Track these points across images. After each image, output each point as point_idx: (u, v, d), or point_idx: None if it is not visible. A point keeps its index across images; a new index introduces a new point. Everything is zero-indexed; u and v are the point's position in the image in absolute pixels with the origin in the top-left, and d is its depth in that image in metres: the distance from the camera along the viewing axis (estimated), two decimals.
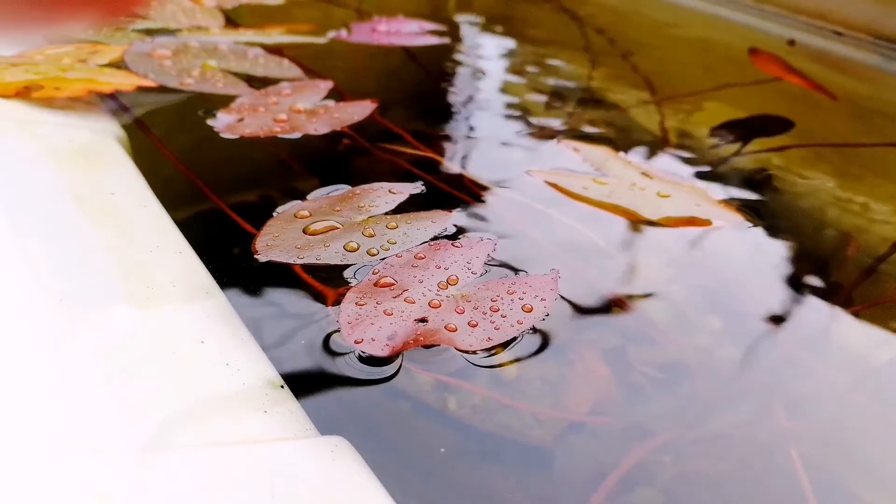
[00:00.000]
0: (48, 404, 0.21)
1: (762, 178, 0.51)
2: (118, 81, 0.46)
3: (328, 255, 0.35)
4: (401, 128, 0.50)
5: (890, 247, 0.44)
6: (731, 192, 0.47)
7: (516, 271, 0.35)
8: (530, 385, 0.29)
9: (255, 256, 0.34)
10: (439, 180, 0.44)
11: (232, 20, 0.68)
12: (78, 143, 0.37)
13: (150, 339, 0.25)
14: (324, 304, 0.32)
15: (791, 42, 0.78)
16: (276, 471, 0.21)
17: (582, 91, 0.65)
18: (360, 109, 0.50)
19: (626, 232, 0.41)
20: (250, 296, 0.33)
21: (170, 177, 0.41)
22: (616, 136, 0.55)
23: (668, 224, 0.42)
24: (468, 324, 0.31)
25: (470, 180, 0.44)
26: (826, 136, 0.62)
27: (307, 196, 0.40)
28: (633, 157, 0.51)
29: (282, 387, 0.25)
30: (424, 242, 0.36)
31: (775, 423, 0.30)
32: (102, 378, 0.23)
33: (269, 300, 0.33)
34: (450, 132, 0.53)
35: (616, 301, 0.35)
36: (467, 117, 0.56)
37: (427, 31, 0.73)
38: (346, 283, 0.33)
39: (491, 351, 0.30)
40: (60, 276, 0.27)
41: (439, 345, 0.30)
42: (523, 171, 0.46)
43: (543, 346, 0.31)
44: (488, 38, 0.80)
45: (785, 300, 0.38)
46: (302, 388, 0.27)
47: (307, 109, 0.49)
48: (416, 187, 0.42)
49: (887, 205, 0.49)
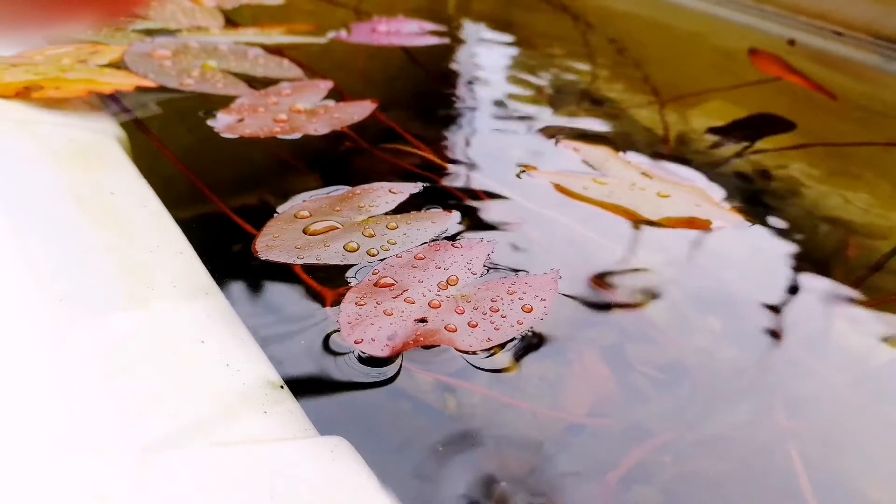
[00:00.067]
0: (48, 404, 0.21)
1: (762, 178, 0.51)
2: (118, 82, 0.46)
3: (328, 255, 0.35)
4: (401, 128, 0.50)
5: (890, 248, 0.44)
6: (731, 192, 0.47)
7: (516, 271, 0.35)
8: (530, 385, 0.29)
9: (256, 256, 0.34)
10: (439, 180, 0.44)
11: (232, 20, 0.68)
12: (78, 143, 0.37)
13: (150, 339, 0.25)
14: (324, 305, 0.32)
15: (791, 42, 0.78)
16: (276, 471, 0.21)
17: (582, 91, 0.65)
18: (360, 109, 0.50)
19: (627, 232, 0.41)
20: (250, 296, 0.33)
21: (170, 177, 0.41)
22: (616, 136, 0.55)
23: (668, 224, 0.42)
24: (468, 324, 0.31)
25: (469, 181, 0.44)
26: (826, 136, 0.62)
27: (307, 196, 0.40)
28: (633, 157, 0.51)
29: (282, 387, 0.25)
30: (424, 243, 0.36)
31: (775, 423, 0.30)
32: (102, 378, 0.23)
33: (269, 300, 0.33)
34: (449, 132, 0.53)
35: (616, 301, 0.35)
36: (467, 117, 0.56)
37: (427, 32, 0.73)
38: (346, 284, 0.33)
39: (491, 351, 0.30)
40: (60, 276, 0.27)
41: (439, 345, 0.30)
42: (523, 171, 0.46)
43: (543, 346, 0.31)
44: (488, 37, 0.80)
45: (785, 300, 0.38)
46: (302, 388, 0.27)
47: (307, 109, 0.49)
48: (416, 187, 0.42)
49: (887, 204, 0.49)
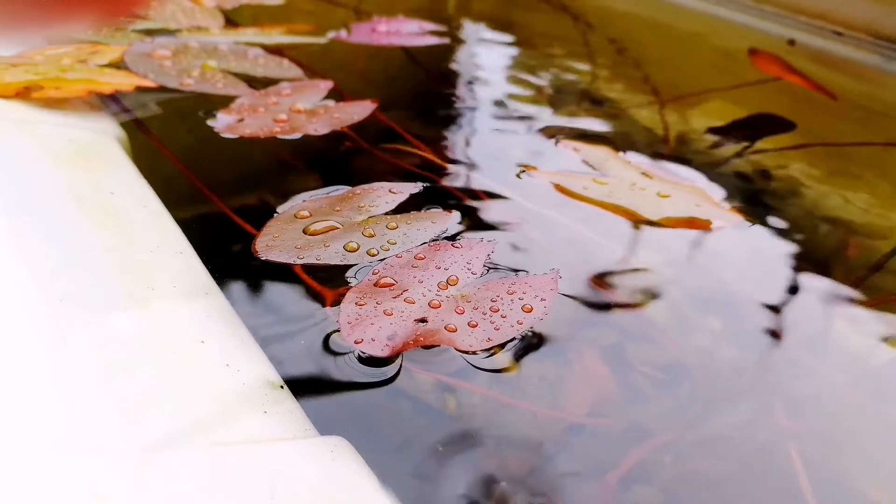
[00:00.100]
0: (48, 404, 0.21)
1: (762, 178, 0.51)
2: (118, 82, 0.46)
3: (328, 255, 0.35)
4: (401, 128, 0.50)
5: (890, 248, 0.44)
6: (731, 192, 0.47)
7: (516, 271, 0.35)
8: (530, 385, 0.29)
9: (256, 257, 0.34)
10: (439, 180, 0.44)
11: (232, 20, 0.68)
12: (78, 143, 0.37)
13: (150, 339, 0.25)
14: (324, 305, 0.32)
15: (791, 42, 0.78)
16: (276, 471, 0.21)
17: (582, 91, 0.65)
18: (360, 109, 0.50)
19: (627, 232, 0.41)
20: (250, 296, 0.33)
21: (170, 177, 0.41)
22: (616, 136, 0.55)
23: (668, 224, 0.42)
24: (468, 324, 0.31)
25: (469, 181, 0.44)
26: (826, 136, 0.62)
27: (307, 196, 0.40)
28: (633, 157, 0.51)
29: (282, 387, 0.25)
30: (424, 243, 0.36)
31: (775, 423, 0.30)
32: (102, 378, 0.23)
33: (269, 300, 0.33)
34: (449, 132, 0.53)
35: (616, 301, 0.35)
36: (467, 117, 0.56)
37: (427, 32, 0.73)
38: (346, 284, 0.33)
39: (491, 351, 0.30)
40: (60, 276, 0.27)
41: (439, 345, 0.30)
42: (523, 171, 0.46)
43: (543, 346, 0.31)
44: (488, 37, 0.80)
45: (785, 300, 0.38)
46: (302, 388, 0.27)
47: (307, 109, 0.49)
48: (416, 187, 0.42)
49: (887, 205, 0.49)
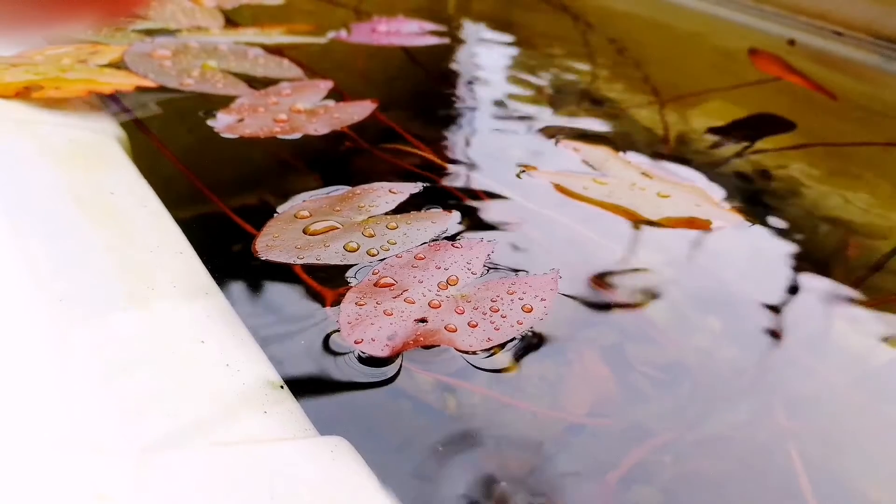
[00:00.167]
0: (48, 404, 0.21)
1: (762, 178, 0.51)
2: (118, 82, 0.46)
3: (328, 255, 0.35)
4: (401, 128, 0.50)
5: (891, 248, 0.44)
6: (731, 192, 0.47)
7: (516, 271, 0.35)
8: (530, 385, 0.29)
9: (256, 257, 0.34)
10: (439, 180, 0.44)
11: (232, 20, 0.68)
12: (78, 143, 0.37)
13: (150, 339, 0.25)
14: (324, 305, 0.32)
15: (791, 42, 0.78)
16: (276, 471, 0.21)
17: (582, 91, 0.65)
18: (360, 109, 0.50)
19: (627, 232, 0.41)
20: (250, 296, 0.33)
21: (170, 177, 0.41)
22: (616, 136, 0.55)
23: (668, 224, 0.42)
24: (468, 324, 0.31)
25: (469, 181, 0.44)
26: (826, 136, 0.62)
27: (307, 196, 0.40)
28: (633, 157, 0.51)
29: (282, 387, 0.25)
30: (424, 243, 0.36)
31: (775, 423, 0.30)
32: (102, 378, 0.23)
33: (269, 300, 0.33)
34: (449, 132, 0.53)
35: (616, 301, 0.35)
36: (467, 117, 0.56)
37: (427, 32, 0.73)
38: (346, 284, 0.33)
39: (491, 351, 0.30)
40: (60, 276, 0.27)
41: (439, 345, 0.30)
42: (523, 171, 0.46)
43: (543, 346, 0.31)
44: (488, 37, 0.80)
45: (785, 300, 0.38)
46: (302, 388, 0.27)
47: (307, 109, 0.49)
48: (416, 187, 0.42)
49: (887, 204, 0.49)
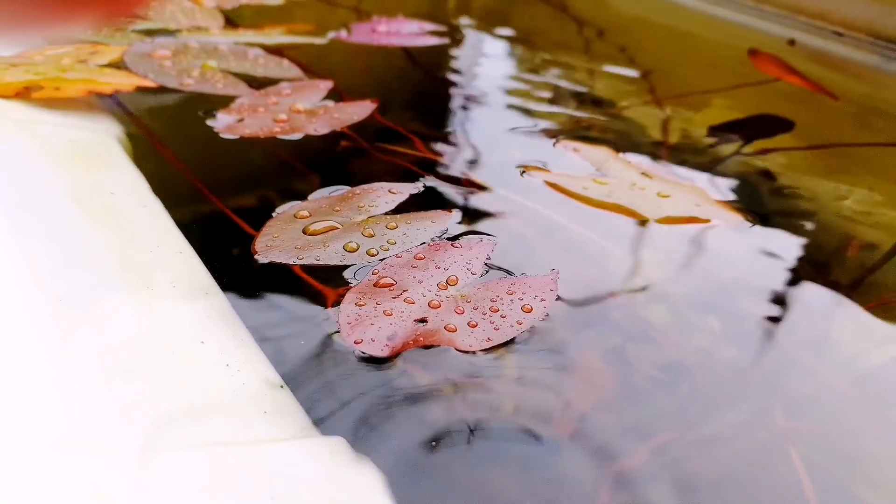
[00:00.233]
0: (48, 404, 0.21)
1: (762, 178, 0.51)
2: (118, 82, 0.46)
3: (328, 255, 0.35)
4: (401, 128, 0.50)
5: (890, 247, 0.44)
6: (730, 192, 0.47)
7: (516, 272, 0.35)
8: (530, 384, 0.29)
9: (255, 257, 0.34)
10: (439, 180, 0.44)
11: (232, 20, 0.68)
12: (78, 143, 0.37)
13: (150, 339, 0.25)
14: (323, 305, 0.32)
15: (791, 42, 0.78)
16: (275, 471, 0.21)
17: (582, 91, 0.65)
18: (360, 109, 0.50)
19: (626, 232, 0.41)
20: (250, 296, 0.33)
21: (170, 177, 0.41)
22: (616, 137, 0.55)
23: (668, 224, 0.42)
24: (468, 324, 0.31)
25: (469, 180, 0.45)
26: (826, 136, 0.62)
27: (307, 196, 0.40)
28: (633, 157, 0.51)
29: (282, 387, 0.25)
30: (424, 243, 0.36)
31: (775, 424, 0.30)
32: (102, 378, 0.23)
33: (268, 300, 0.33)
34: (449, 132, 0.53)
35: (616, 301, 0.35)
36: (467, 118, 0.56)
37: (427, 32, 0.73)
38: (345, 284, 0.33)
39: (490, 351, 0.30)
40: (60, 276, 0.27)
41: (439, 345, 0.30)
42: (523, 172, 0.46)
43: (543, 347, 0.31)
44: (488, 38, 0.80)
45: (784, 300, 0.38)
46: (302, 388, 0.27)
47: (307, 110, 0.49)
48: (415, 187, 0.42)
49: (887, 204, 0.49)
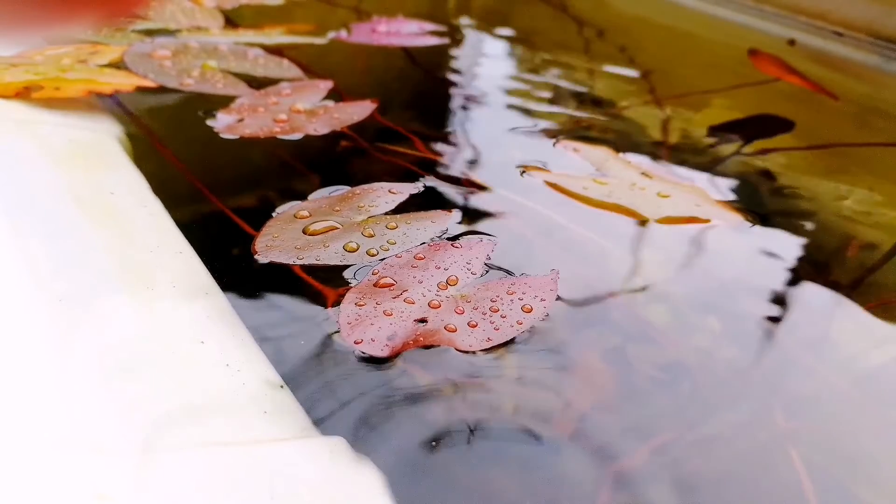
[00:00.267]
0: (48, 404, 0.21)
1: (762, 178, 0.51)
2: (118, 82, 0.46)
3: (328, 255, 0.35)
4: (401, 128, 0.50)
5: (890, 247, 0.44)
6: (730, 192, 0.47)
7: (516, 272, 0.35)
8: (530, 384, 0.29)
9: (255, 257, 0.34)
10: (439, 181, 0.44)
11: (232, 21, 0.68)
12: (78, 143, 0.38)
13: (150, 339, 0.25)
14: (323, 305, 0.32)
15: (791, 42, 0.78)
16: (275, 471, 0.21)
17: (581, 91, 0.65)
18: (360, 110, 0.50)
19: (626, 232, 0.41)
20: (250, 296, 0.33)
21: (170, 177, 0.41)
22: (616, 137, 0.55)
23: (668, 224, 0.42)
24: (468, 324, 0.31)
25: (469, 181, 0.45)
26: (826, 136, 0.62)
27: (307, 196, 0.40)
28: (633, 157, 0.51)
29: (282, 387, 0.25)
30: (424, 243, 0.36)
31: (775, 424, 0.30)
32: (102, 378, 0.23)
33: (268, 300, 0.33)
34: (449, 132, 0.53)
35: (616, 301, 0.35)
36: (467, 118, 0.56)
37: (427, 32, 0.73)
38: (345, 284, 0.33)
39: (490, 351, 0.30)
40: (60, 276, 0.27)
41: (439, 345, 0.30)
42: (523, 172, 0.46)
43: (543, 346, 0.31)
44: (488, 37, 0.80)
45: (784, 300, 0.38)
46: (302, 388, 0.27)
47: (307, 110, 0.49)
48: (415, 187, 0.42)
49: (887, 204, 0.49)
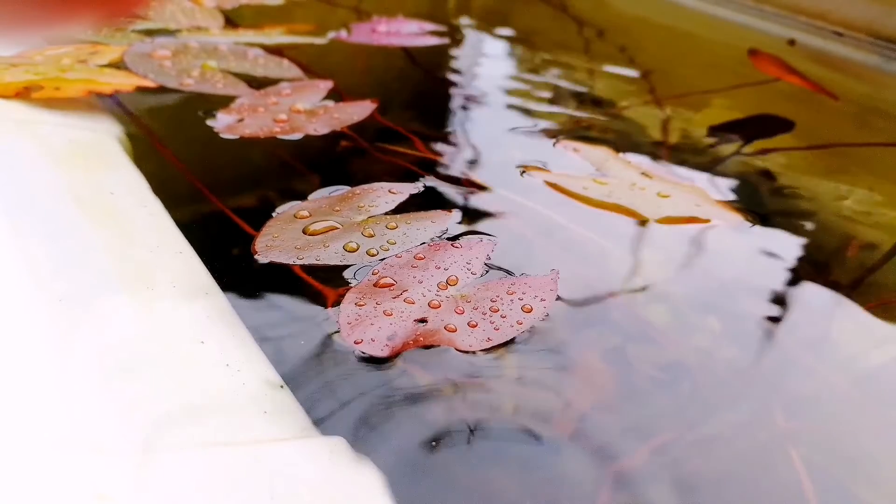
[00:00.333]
0: (48, 404, 0.21)
1: (762, 178, 0.51)
2: (118, 82, 0.46)
3: (328, 255, 0.35)
4: (401, 128, 0.50)
5: (890, 247, 0.44)
6: (730, 192, 0.47)
7: (516, 272, 0.35)
8: (530, 384, 0.29)
9: (255, 257, 0.34)
10: (439, 181, 0.44)
11: (232, 20, 0.68)
12: (78, 143, 0.38)
13: (150, 339, 0.25)
14: (323, 305, 0.32)
15: (791, 42, 0.78)
16: (275, 471, 0.21)
17: (582, 91, 0.65)
18: (360, 110, 0.50)
19: (626, 232, 0.41)
20: (250, 296, 0.33)
21: (170, 177, 0.41)
22: (616, 137, 0.55)
23: (668, 224, 0.42)
24: (468, 324, 0.31)
25: (469, 181, 0.45)
26: (826, 136, 0.62)
27: (307, 196, 0.40)
28: (633, 157, 0.51)
29: (282, 387, 0.25)
30: (424, 243, 0.36)
31: (775, 424, 0.30)
32: (102, 378, 0.23)
33: (268, 300, 0.33)
34: (449, 132, 0.53)
35: (616, 301, 0.35)
36: (467, 117, 0.56)
37: (427, 32, 0.73)
38: (345, 284, 0.33)
39: (490, 351, 0.30)
40: (60, 276, 0.27)
41: (439, 345, 0.30)
42: (523, 172, 0.46)
43: (543, 347, 0.31)
44: (488, 38, 0.80)
45: (784, 300, 0.38)
46: (302, 388, 0.27)
47: (307, 110, 0.49)
48: (415, 187, 0.42)
49: (887, 204, 0.49)
